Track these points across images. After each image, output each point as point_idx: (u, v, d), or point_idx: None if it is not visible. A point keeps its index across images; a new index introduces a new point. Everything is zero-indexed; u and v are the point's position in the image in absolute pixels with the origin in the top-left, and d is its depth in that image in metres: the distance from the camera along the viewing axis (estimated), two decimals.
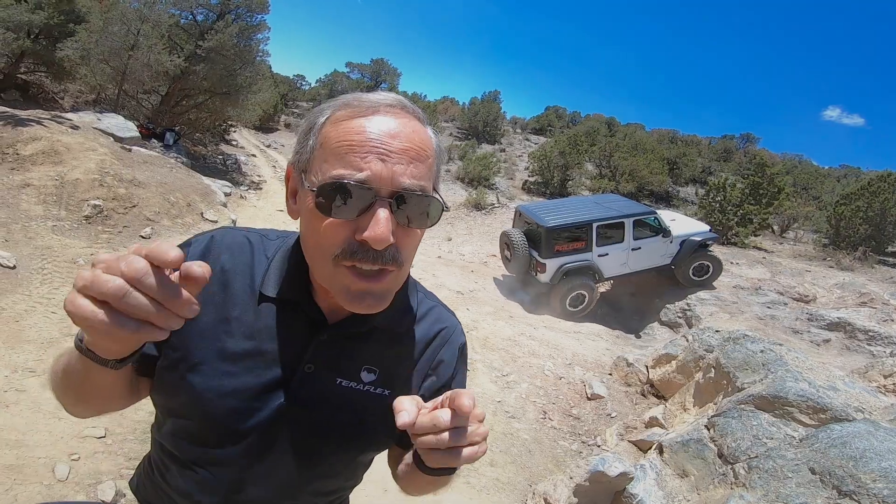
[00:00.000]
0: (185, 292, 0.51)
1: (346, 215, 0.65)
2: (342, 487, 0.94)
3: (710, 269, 8.74)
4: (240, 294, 0.79)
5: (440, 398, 0.65)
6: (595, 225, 8.04)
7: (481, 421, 0.66)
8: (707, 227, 9.19)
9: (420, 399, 0.66)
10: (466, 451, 0.63)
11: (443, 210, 0.72)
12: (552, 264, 7.95)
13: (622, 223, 8.17)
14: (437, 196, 0.70)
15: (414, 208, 0.67)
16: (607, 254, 8.21)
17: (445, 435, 0.61)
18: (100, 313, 0.48)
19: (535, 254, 8.10)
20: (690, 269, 8.62)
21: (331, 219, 0.65)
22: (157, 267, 0.49)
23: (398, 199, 0.65)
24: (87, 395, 0.75)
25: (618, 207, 8.54)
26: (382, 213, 0.64)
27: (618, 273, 8.48)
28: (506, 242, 8.71)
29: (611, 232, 8.19)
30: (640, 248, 8.35)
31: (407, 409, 0.62)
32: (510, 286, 8.86)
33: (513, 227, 9.07)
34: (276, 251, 0.83)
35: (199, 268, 0.51)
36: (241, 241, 0.84)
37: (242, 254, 0.82)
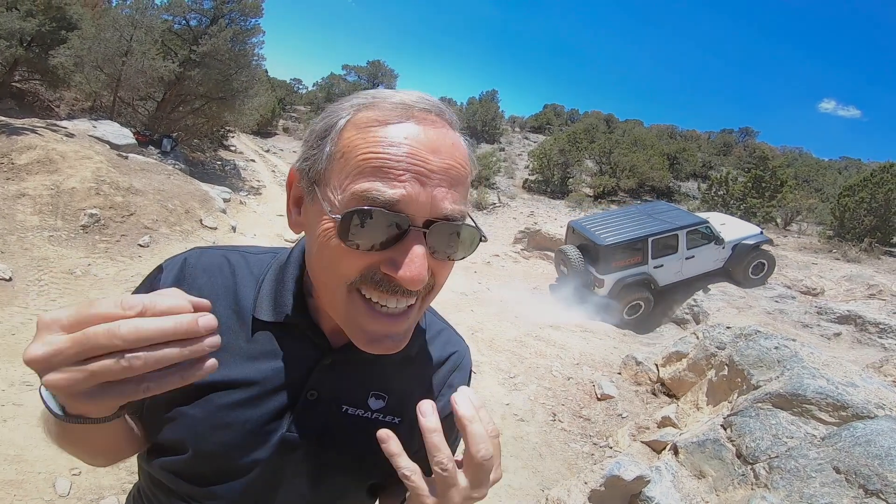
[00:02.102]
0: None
1: (373, 245, 0.56)
2: None
3: (766, 267, 8.81)
4: (224, 320, 0.70)
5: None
6: (650, 240, 8.14)
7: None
8: (758, 230, 9.27)
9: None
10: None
11: (480, 239, 0.62)
12: (610, 279, 8.06)
13: (676, 235, 8.27)
14: (474, 223, 0.62)
15: (452, 238, 0.59)
16: (662, 265, 8.32)
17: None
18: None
19: (592, 269, 8.17)
20: (749, 269, 8.69)
21: (352, 249, 0.57)
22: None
23: (435, 228, 0.57)
24: (97, 452, 0.71)
25: (670, 219, 8.61)
26: (419, 250, 0.55)
27: (672, 281, 8.56)
28: (561, 259, 8.84)
29: (665, 244, 8.27)
30: (693, 256, 8.46)
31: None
32: (559, 294, 8.91)
33: (565, 242, 9.24)
34: (267, 269, 0.75)
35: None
36: (219, 261, 0.75)
37: (222, 275, 0.74)
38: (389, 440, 0.58)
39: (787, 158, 27.05)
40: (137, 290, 0.75)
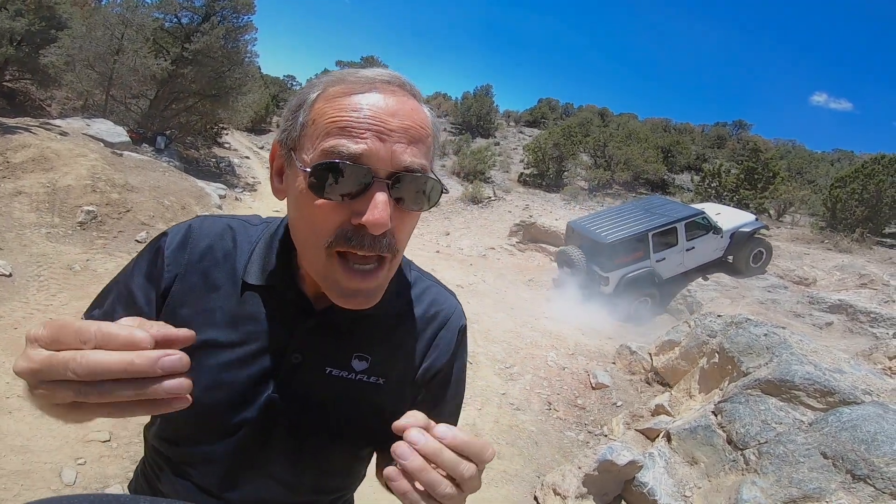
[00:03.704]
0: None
1: (341, 196, 0.61)
2: (342, 486, 0.89)
3: (764, 255, 8.93)
4: (221, 283, 0.76)
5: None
6: (651, 234, 8.19)
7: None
8: (753, 217, 9.38)
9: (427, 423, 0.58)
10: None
11: (441, 192, 0.67)
12: (615, 277, 8.09)
13: (675, 228, 8.33)
14: (435, 176, 0.66)
15: (412, 188, 0.64)
16: (665, 258, 8.37)
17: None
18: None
19: (596, 268, 8.19)
20: (750, 257, 8.80)
21: (324, 200, 0.61)
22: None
23: (396, 180, 0.62)
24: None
25: (667, 212, 8.65)
26: (381, 196, 0.60)
27: (675, 273, 8.62)
28: (564, 260, 8.85)
29: (665, 237, 8.33)
30: (693, 247, 8.54)
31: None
32: (563, 293, 8.92)
33: (566, 243, 9.24)
34: (260, 237, 0.80)
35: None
36: (222, 227, 0.80)
37: (223, 241, 0.79)
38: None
39: (780, 151, 27.20)
40: (140, 256, 0.79)
